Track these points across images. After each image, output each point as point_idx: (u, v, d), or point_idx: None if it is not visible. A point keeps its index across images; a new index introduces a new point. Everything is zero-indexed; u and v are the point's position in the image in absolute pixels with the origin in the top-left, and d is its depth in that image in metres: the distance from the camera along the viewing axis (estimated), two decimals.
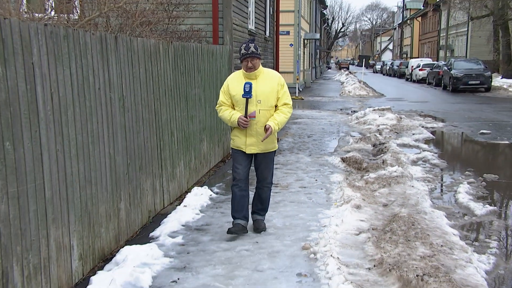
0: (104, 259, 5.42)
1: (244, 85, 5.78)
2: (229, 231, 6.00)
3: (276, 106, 6.01)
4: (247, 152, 6.01)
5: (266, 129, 5.82)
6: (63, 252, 4.63)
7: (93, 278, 4.79)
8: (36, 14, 6.35)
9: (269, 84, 5.94)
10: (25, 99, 4.05)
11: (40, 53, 4.26)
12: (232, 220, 6.15)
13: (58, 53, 4.53)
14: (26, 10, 6.41)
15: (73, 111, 4.79)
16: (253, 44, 5.85)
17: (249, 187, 6.24)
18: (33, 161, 4.16)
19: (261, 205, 6.38)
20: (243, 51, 5.83)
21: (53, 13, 6.69)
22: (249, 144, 5.97)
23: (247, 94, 5.76)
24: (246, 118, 5.81)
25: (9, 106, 3.86)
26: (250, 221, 6.37)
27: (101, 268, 5.20)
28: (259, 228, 6.29)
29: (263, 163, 6.18)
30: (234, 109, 6.00)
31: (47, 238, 4.37)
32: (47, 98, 4.36)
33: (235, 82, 5.99)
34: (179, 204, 7.32)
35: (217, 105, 6.20)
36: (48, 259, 4.39)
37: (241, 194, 6.08)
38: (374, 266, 5.24)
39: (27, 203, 4.10)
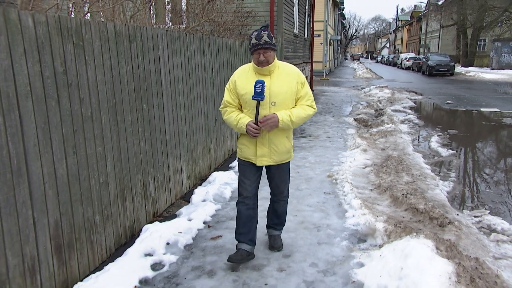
0: (201, 179, 5.54)
1: (255, 84, 3.00)
2: (229, 259, 3.27)
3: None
4: (257, 164, 3.27)
5: (268, 117, 3.05)
6: (177, 174, 4.77)
7: (195, 190, 4.92)
8: (161, 25, 6.44)
9: (287, 82, 3.11)
10: (154, 77, 4.12)
11: (163, 48, 4.30)
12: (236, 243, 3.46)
13: (173, 48, 4.56)
14: (155, 22, 6.48)
15: (182, 85, 4.85)
16: (267, 32, 3.03)
17: (257, 205, 3.43)
18: (159, 116, 4.26)
19: (278, 219, 3.63)
20: (253, 40, 3.04)
21: (170, 23, 6.76)
22: (260, 155, 3.22)
23: (259, 95, 3.01)
24: (257, 125, 3.07)
25: (145, 81, 3.94)
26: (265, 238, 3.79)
27: (200, 185, 5.33)
28: (275, 246, 3.60)
29: (277, 175, 3.40)
30: (242, 110, 3.23)
31: (168, 164, 4.50)
32: (167, 77, 4.43)
33: (243, 78, 3.15)
34: None
35: (221, 106, 3.29)
36: (168, 177, 4.54)
37: (248, 214, 3.32)
38: (375, 188, 5.19)
39: (156, 142, 4.21)
